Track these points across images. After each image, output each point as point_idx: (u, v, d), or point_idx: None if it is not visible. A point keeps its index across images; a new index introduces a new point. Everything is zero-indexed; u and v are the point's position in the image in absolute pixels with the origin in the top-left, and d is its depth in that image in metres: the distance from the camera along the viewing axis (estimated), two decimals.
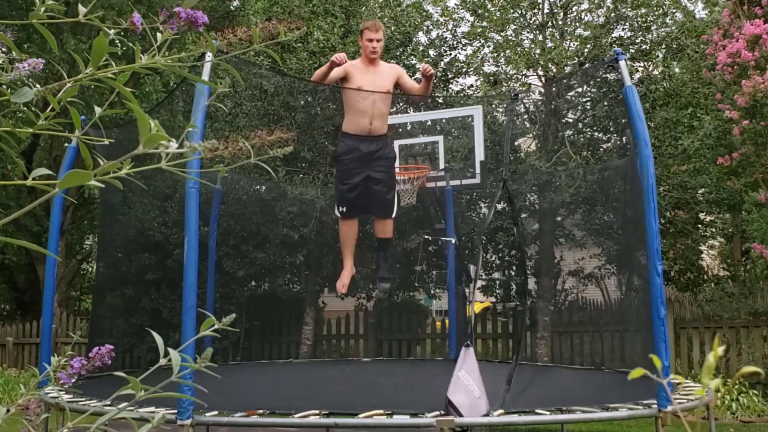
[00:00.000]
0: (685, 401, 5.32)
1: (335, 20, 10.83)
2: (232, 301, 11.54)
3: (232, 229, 11.20)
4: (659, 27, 10.95)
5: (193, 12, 1.24)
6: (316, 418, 4.74)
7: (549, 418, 4.97)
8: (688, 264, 12.26)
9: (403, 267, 12.31)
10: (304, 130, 10.90)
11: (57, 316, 12.28)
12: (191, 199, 4.94)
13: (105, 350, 1.35)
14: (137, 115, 1.10)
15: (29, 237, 13.72)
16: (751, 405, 8.63)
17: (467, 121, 9.90)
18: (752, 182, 9.20)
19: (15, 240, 1.26)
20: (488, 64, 11.45)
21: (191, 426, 4.62)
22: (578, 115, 11.69)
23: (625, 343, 10.08)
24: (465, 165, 9.70)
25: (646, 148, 5.14)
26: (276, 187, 11.00)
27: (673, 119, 10.43)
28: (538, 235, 11.80)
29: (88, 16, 1.24)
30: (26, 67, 1.34)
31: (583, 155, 10.78)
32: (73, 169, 1.09)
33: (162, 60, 1.24)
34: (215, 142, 1.17)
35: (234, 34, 1.28)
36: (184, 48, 11.45)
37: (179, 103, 12.59)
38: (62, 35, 11.83)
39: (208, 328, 1.32)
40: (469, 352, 5.02)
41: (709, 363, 0.87)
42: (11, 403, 8.64)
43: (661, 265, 5.08)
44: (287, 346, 12.22)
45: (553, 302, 11.43)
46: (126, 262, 11.39)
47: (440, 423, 4.54)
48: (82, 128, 1.28)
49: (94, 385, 5.53)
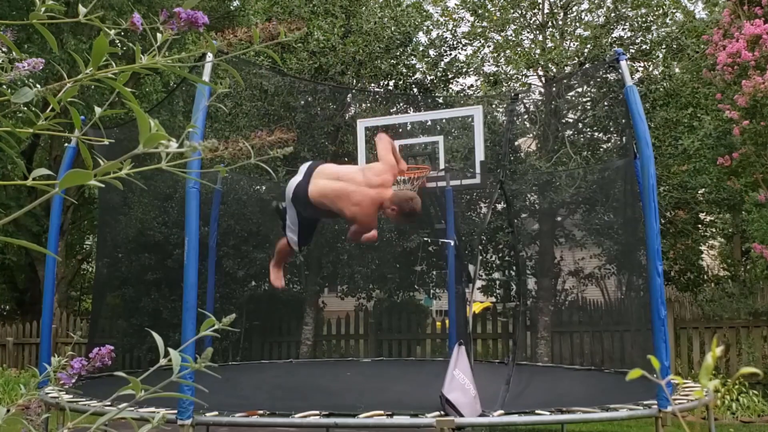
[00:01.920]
0: (684, 401, 5.32)
1: (335, 20, 10.83)
2: (232, 301, 11.54)
3: (232, 229, 11.19)
4: (659, 27, 10.94)
5: (194, 12, 1.24)
6: (316, 418, 4.73)
7: (549, 419, 4.96)
8: (688, 264, 12.25)
9: (403, 267, 12.31)
10: (304, 130, 10.90)
11: (57, 316, 12.27)
12: (191, 200, 4.93)
13: (105, 351, 1.34)
14: (137, 115, 1.09)
15: (29, 237, 13.71)
16: (751, 405, 8.62)
17: (467, 121, 9.90)
18: (752, 182, 9.18)
19: (15, 240, 1.26)
20: (488, 64, 11.47)
21: (191, 426, 4.62)
22: (578, 115, 11.68)
23: (625, 344, 10.07)
24: (465, 165, 9.70)
25: (647, 149, 5.13)
26: (276, 187, 10.99)
27: (674, 119, 10.42)
28: (538, 235, 11.80)
29: (88, 17, 1.23)
30: (26, 67, 1.33)
31: (583, 155, 10.77)
32: (73, 169, 1.09)
33: (162, 60, 1.23)
34: (215, 142, 1.16)
35: (234, 34, 1.28)
36: (184, 48, 11.44)
37: (179, 103, 12.59)
38: (62, 35, 11.83)
39: (208, 328, 1.31)
40: (461, 350, 5.01)
41: (708, 363, 0.87)
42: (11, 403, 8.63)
43: (661, 265, 5.07)
44: (287, 347, 12.22)
45: (553, 302, 11.42)
46: (126, 262, 11.39)
47: (440, 423, 4.54)
48: (81, 128, 1.28)
49: (94, 386, 5.52)
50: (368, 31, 10.74)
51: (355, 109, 11.67)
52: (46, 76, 11.06)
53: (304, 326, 11.89)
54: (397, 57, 11.34)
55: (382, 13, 11.07)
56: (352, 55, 10.65)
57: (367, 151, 8.28)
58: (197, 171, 1.92)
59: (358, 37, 10.69)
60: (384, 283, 12.26)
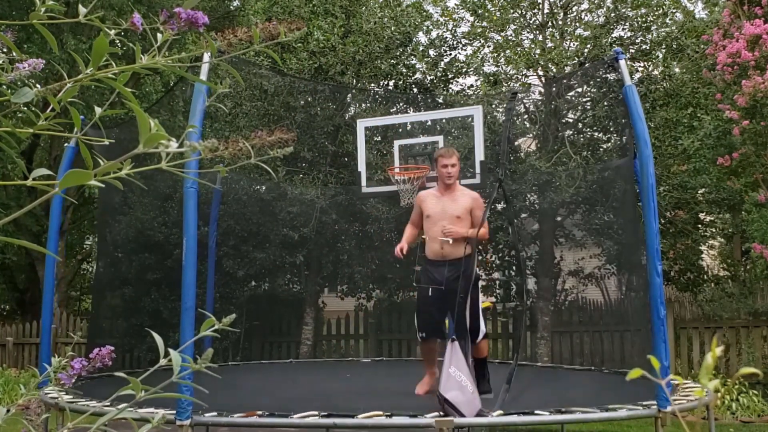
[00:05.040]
0: (684, 402, 5.32)
1: (335, 20, 10.82)
2: (232, 301, 11.54)
3: (232, 229, 11.19)
4: (659, 27, 10.93)
5: (194, 12, 1.23)
6: (315, 418, 4.73)
7: (548, 419, 4.97)
8: (688, 264, 12.24)
9: (403, 267, 12.30)
10: (304, 130, 10.89)
11: (57, 316, 12.27)
12: (189, 200, 4.93)
13: (105, 351, 1.35)
14: (137, 115, 1.09)
15: (29, 237, 13.71)
16: (751, 405, 8.62)
17: (467, 121, 9.89)
18: (752, 182, 9.18)
19: (15, 240, 1.26)
20: (488, 64, 11.45)
21: (190, 426, 4.62)
22: (578, 115, 11.68)
23: (625, 344, 10.08)
24: (465, 165, 9.69)
25: (646, 148, 5.14)
26: (276, 187, 11.00)
27: (673, 119, 10.42)
28: (538, 235, 11.79)
29: (88, 17, 1.23)
30: (26, 67, 1.33)
31: (583, 155, 10.77)
32: (73, 169, 1.09)
33: (162, 60, 1.23)
34: (215, 142, 1.16)
35: (234, 34, 1.27)
36: (184, 48, 11.44)
37: (179, 102, 12.59)
38: (62, 35, 11.83)
39: (208, 328, 1.31)
40: (455, 346, 5.00)
41: (708, 363, 0.87)
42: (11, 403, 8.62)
43: (661, 265, 5.07)
44: (287, 347, 12.21)
45: (553, 302, 11.42)
46: (126, 262, 11.39)
47: (439, 423, 4.54)
48: (81, 128, 1.28)
49: (94, 386, 5.53)
50: (368, 31, 10.74)
51: (355, 109, 11.66)
52: (46, 76, 11.06)
53: (304, 326, 11.88)
54: (397, 57, 11.33)
55: (382, 13, 11.06)
56: (352, 55, 10.64)
57: (367, 151, 8.27)
58: (196, 171, 1.93)
59: (358, 37, 10.69)
60: (384, 283, 12.25)
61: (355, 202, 10.98)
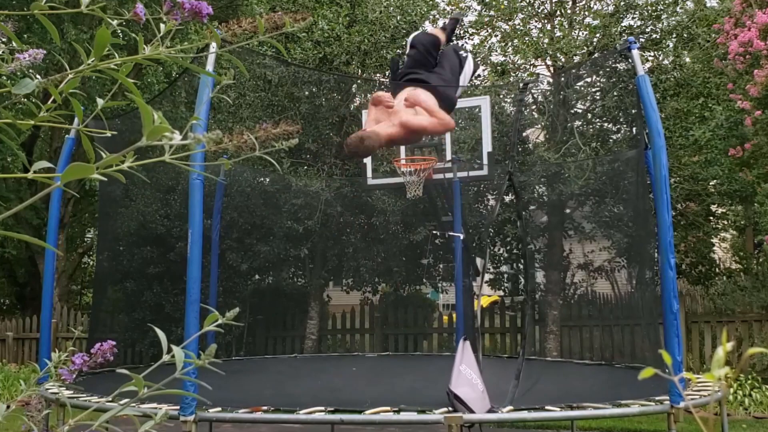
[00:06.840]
0: (697, 397, 5.22)
1: (340, 10, 10.69)
2: (236, 295, 11.43)
3: (236, 222, 11.07)
4: (670, 16, 10.79)
5: (198, 3, 1.24)
6: (321, 414, 4.64)
7: (559, 415, 4.86)
8: (700, 257, 12.14)
9: (410, 260, 12.19)
10: (309, 121, 10.77)
11: (57, 310, 12.18)
12: (195, 192, 4.80)
13: (107, 346, 1.34)
14: (140, 107, 1.07)
15: (29, 230, 13.61)
16: (764, 401, 8.53)
17: (474, 111, 9.75)
18: (765, 173, 9.11)
19: (14, 233, 1.22)
20: (496, 53, 11.34)
21: (194, 422, 4.52)
22: (587, 106, 11.54)
23: (636, 338, 9.95)
24: (472, 156, 9.57)
25: (659, 139, 5.02)
26: (280, 178, 10.88)
27: (684, 109, 10.32)
28: (546, 227, 11.67)
29: (90, 7, 1.22)
30: (27, 57, 1.32)
31: (593, 146, 10.65)
32: (75, 162, 1.06)
33: (165, 51, 1.24)
34: (219, 134, 1.12)
35: (239, 24, 1.28)
36: (187, 38, 11.31)
37: (181, 93, 12.46)
38: (63, 25, 11.69)
39: (212, 323, 1.26)
40: (466, 345, 4.95)
41: (719, 357, 0.85)
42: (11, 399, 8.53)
43: (674, 258, 4.96)
44: (291, 341, 12.11)
45: (562, 296, 11.30)
46: (127, 255, 11.29)
47: (449, 419, 4.42)
48: (83, 120, 1.27)
49: (95, 381, 5.43)
50: (373, 20, 10.60)
51: (360, 99, 11.54)
52: (46, 67, 10.94)
53: (309, 320, 11.78)
54: (403, 47, 11.18)
55: (388, 1, 10.94)
56: (357, 44, 10.50)
57: None
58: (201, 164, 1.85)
59: (364, 27, 10.55)
60: (390, 276, 12.16)
61: (361, 194, 10.88)
